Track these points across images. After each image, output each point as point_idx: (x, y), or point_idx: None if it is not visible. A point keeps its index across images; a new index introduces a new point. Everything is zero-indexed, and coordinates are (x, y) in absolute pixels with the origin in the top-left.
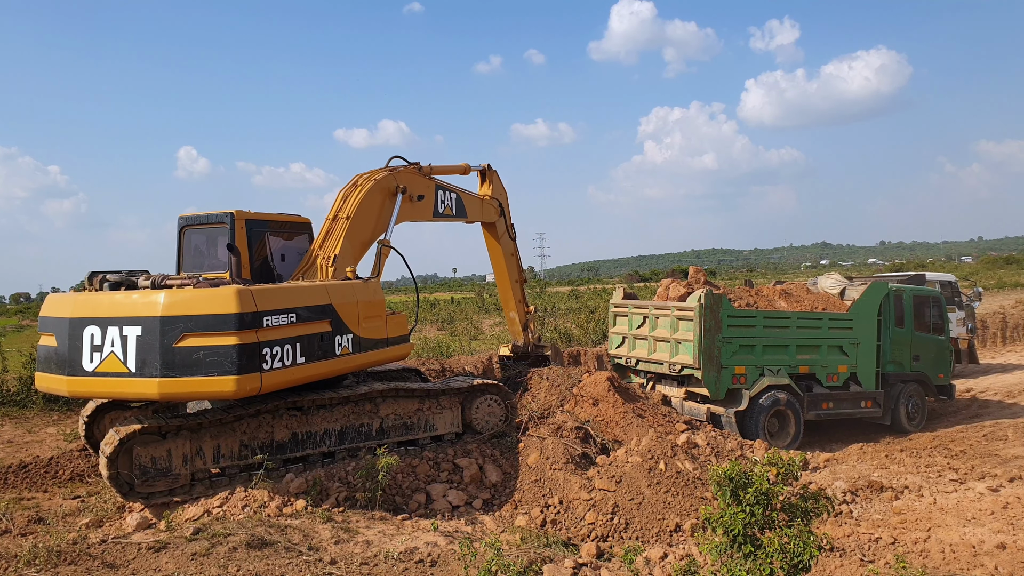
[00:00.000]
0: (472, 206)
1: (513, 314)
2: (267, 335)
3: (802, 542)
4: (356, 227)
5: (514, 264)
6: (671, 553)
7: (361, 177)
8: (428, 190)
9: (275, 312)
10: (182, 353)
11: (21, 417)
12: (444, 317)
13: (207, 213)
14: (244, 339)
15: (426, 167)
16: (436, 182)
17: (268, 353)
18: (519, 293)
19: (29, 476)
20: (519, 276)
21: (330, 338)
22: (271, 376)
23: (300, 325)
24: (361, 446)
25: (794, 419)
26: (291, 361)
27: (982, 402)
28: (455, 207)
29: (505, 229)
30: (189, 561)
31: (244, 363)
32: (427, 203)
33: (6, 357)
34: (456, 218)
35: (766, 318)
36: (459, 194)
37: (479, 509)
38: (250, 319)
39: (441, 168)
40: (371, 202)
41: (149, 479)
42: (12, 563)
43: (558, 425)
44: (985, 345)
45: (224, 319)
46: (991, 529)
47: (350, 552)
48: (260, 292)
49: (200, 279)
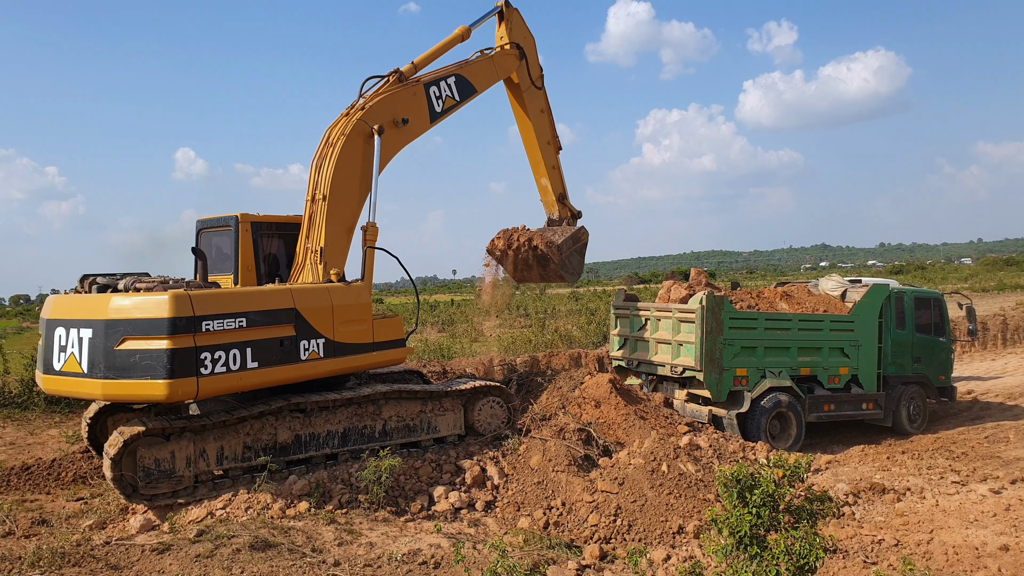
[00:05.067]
0: (479, 73)
1: (545, 181)
2: (207, 340)
3: (808, 544)
4: (336, 206)
5: (544, 122)
6: (674, 555)
7: (333, 130)
8: (414, 100)
9: (217, 317)
10: (122, 356)
11: (23, 419)
12: (444, 319)
13: (217, 216)
14: (178, 343)
15: (407, 68)
16: (423, 79)
17: (208, 358)
18: (552, 157)
19: (32, 478)
20: (551, 137)
21: (294, 343)
22: (212, 381)
23: (252, 329)
24: (364, 448)
25: (795, 421)
26: (239, 366)
27: (983, 404)
28: (457, 91)
29: (529, 80)
30: (193, 563)
31: (176, 367)
32: (418, 114)
33: (7, 359)
34: (462, 103)
35: (767, 320)
36: (457, 72)
37: (481, 511)
38: (184, 324)
39: (431, 53)
40: (347, 169)
41: (152, 481)
42: (16, 565)
43: (560, 427)
44: (986, 347)
45: (157, 323)
46: (994, 531)
47: (353, 554)
48: (199, 297)
49: (170, 283)
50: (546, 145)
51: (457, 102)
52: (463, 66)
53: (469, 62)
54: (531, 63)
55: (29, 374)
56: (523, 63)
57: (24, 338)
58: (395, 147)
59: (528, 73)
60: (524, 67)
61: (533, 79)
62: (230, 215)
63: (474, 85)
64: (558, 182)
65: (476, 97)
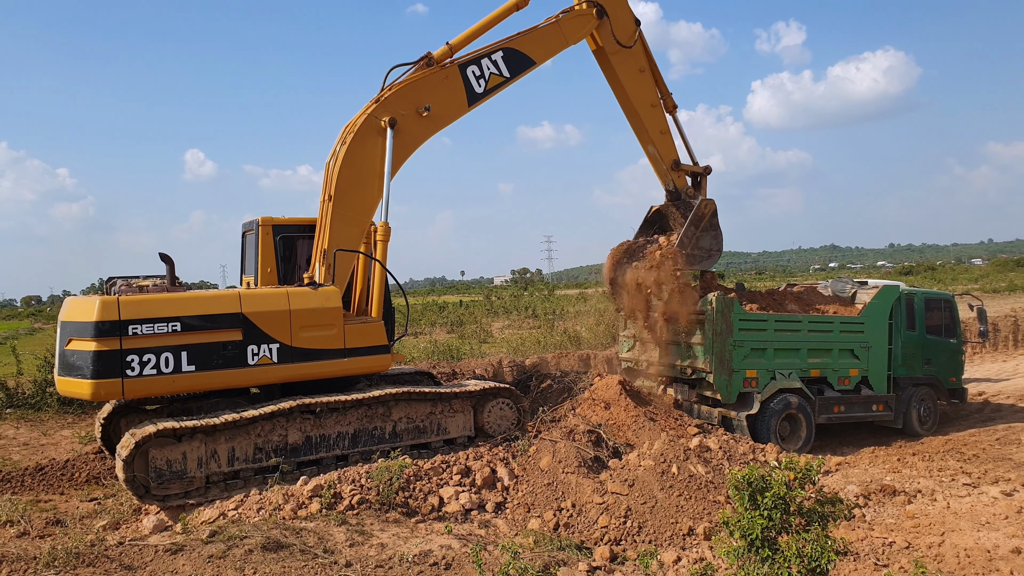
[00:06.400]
0: (537, 42)
1: (652, 149)
2: (135, 343)
3: (820, 546)
4: (344, 206)
5: (644, 83)
6: (684, 557)
7: (347, 127)
8: (444, 85)
9: (146, 321)
10: (68, 355)
11: (36, 420)
12: (453, 320)
13: (250, 220)
14: (103, 346)
15: (441, 50)
16: (458, 62)
17: (136, 360)
18: (659, 121)
19: (46, 478)
20: (655, 98)
21: (240, 347)
22: (138, 383)
23: (188, 334)
24: (374, 449)
25: (805, 423)
26: (172, 369)
27: (995, 406)
28: (506, 67)
29: (615, 42)
30: (206, 563)
31: (100, 368)
32: (449, 99)
33: (20, 360)
34: (514, 78)
35: (777, 321)
36: (507, 46)
37: (491, 512)
38: (109, 327)
39: (478, 28)
40: (355, 167)
41: (164, 482)
42: (32, 565)
43: (570, 429)
44: (996, 348)
45: (86, 326)
46: (1006, 534)
47: (365, 555)
48: (128, 302)
49: (152, 285)
50: (649, 108)
51: (507, 78)
52: (515, 38)
53: (524, 32)
54: (617, 21)
55: (42, 375)
56: (605, 22)
57: (36, 339)
58: (420, 137)
59: (613, 34)
60: (607, 27)
61: (620, 40)
62: (253, 219)
63: (530, 56)
64: (669, 148)
65: (535, 69)
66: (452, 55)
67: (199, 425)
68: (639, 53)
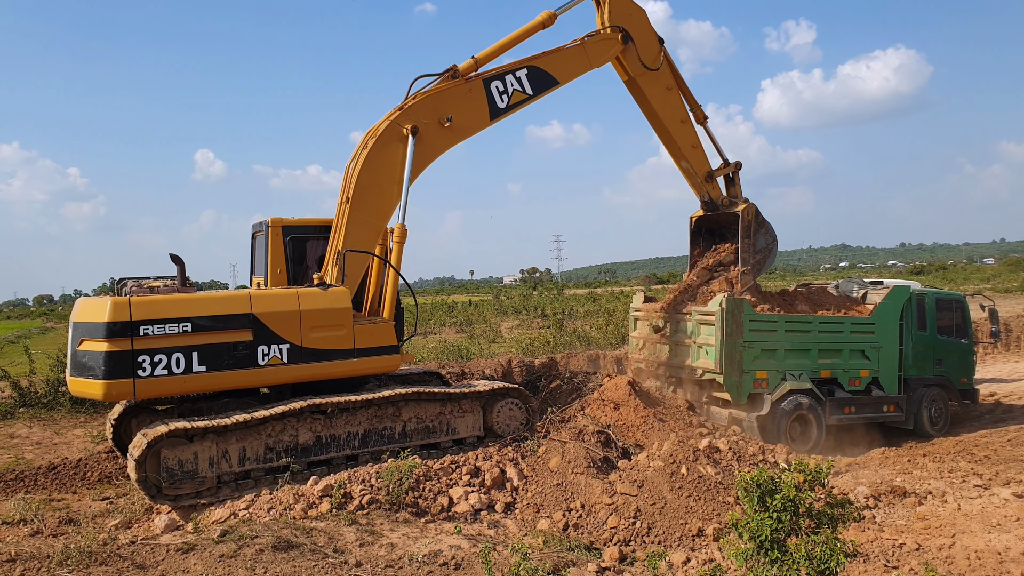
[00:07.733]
0: (561, 62)
1: (685, 164)
2: (146, 343)
3: (829, 548)
4: (361, 209)
5: (672, 101)
6: (694, 558)
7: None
8: (468, 97)
9: (157, 322)
10: (80, 356)
11: (49, 419)
12: (462, 320)
13: (260, 221)
14: (115, 346)
15: (466, 64)
16: (483, 76)
17: (147, 361)
18: (689, 136)
19: (59, 477)
20: (685, 115)
21: (250, 347)
22: (149, 383)
23: (198, 334)
24: (384, 449)
25: (816, 424)
26: (183, 369)
27: (1006, 407)
28: (530, 84)
29: (640, 65)
30: (217, 563)
31: (112, 369)
32: (472, 112)
33: (33, 360)
34: (537, 96)
35: (787, 322)
36: (532, 64)
37: (500, 512)
38: (121, 328)
39: (504, 44)
40: (375, 171)
41: (176, 481)
42: (45, 563)
43: (579, 429)
44: (1008, 349)
45: (97, 327)
46: (1017, 536)
47: (375, 554)
48: (139, 303)
49: (163, 286)
50: (679, 124)
51: (530, 95)
52: (540, 56)
53: (549, 52)
54: (642, 45)
55: (55, 374)
56: (630, 47)
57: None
58: (441, 146)
59: (639, 58)
60: (632, 51)
61: (647, 62)
62: (263, 220)
63: (554, 76)
64: (701, 161)
65: (558, 88)
66: (477, 68)
67: (210, 425)
68: (665, 72)
